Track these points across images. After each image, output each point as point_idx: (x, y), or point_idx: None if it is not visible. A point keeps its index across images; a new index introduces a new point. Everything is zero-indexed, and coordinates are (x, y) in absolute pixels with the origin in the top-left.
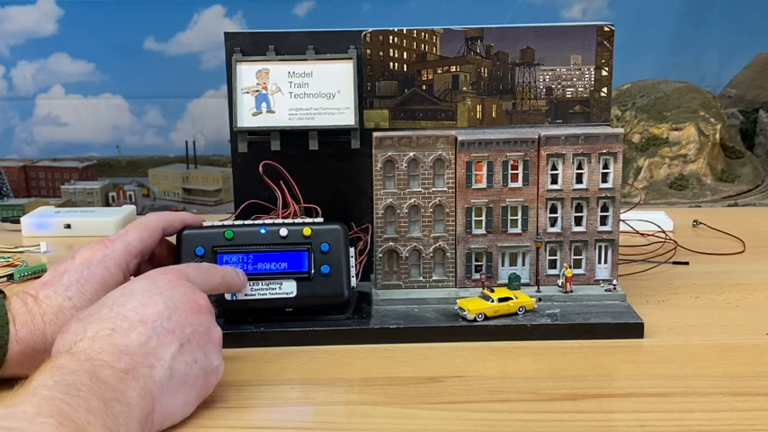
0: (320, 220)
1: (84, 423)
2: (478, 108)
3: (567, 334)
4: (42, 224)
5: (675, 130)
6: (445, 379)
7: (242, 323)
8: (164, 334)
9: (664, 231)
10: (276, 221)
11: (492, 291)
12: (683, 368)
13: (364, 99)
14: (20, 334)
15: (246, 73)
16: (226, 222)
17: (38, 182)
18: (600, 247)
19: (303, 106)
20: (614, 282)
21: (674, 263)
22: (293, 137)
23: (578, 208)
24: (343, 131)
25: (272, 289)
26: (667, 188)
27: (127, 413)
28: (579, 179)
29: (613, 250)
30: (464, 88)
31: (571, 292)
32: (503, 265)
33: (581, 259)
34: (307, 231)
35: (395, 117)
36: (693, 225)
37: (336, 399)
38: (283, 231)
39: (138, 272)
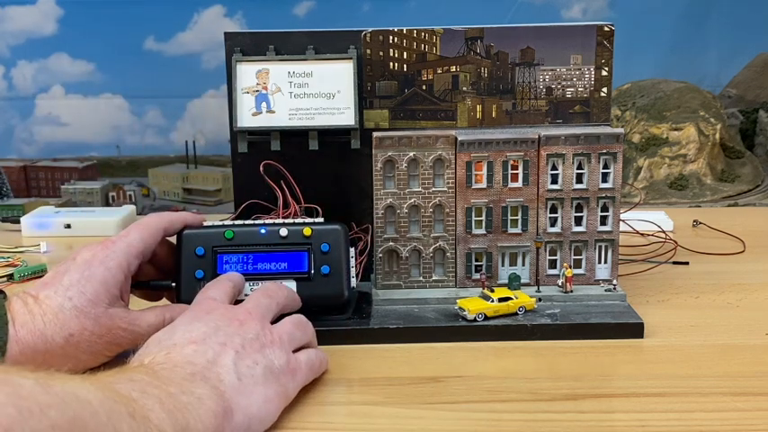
0: (320, 220)
1: (143, 407)
2: (478, 108)
3: (567, 334)
4: (42, 224)
5: (675, 130)
6: (445, 379)
7: None
8: (217, 346)
9: (664, 231)
10: (276, 221)
11: (492, 291)
12: (683, 368)
13: (364, 99)
14: (19, 334)
15: (246, 73)
16: (226, 222)
17: (38, 182)
18: (600, 247)
19: (303, 106)
20: (614, 282)
21: (674, 263)
22: (293, 137)
23: (578, 208)
24: (343, 131)
25: None
26: (667, 188)
27: (197, 405)
28: (579, 179)
29: (613, 250)
30: (464, 88)
31: (571, 292)
32: (503, 265)
33: (581, 259)
34: (307, 231)
35: (395, 117)
36: (693, 225)
37: (336, 399)
38: (283, 231)
39: (138, 272)
